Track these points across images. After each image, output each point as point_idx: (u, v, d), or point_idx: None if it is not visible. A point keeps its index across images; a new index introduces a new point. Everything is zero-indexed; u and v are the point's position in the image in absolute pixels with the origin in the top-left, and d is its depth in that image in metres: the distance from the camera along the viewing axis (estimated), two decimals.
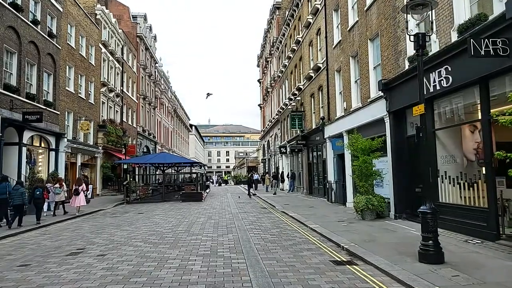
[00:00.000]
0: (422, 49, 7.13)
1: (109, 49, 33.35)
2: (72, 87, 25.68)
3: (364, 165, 12.66)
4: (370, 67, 15.12)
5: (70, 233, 11.88)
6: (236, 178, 63.11)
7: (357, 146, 12.97)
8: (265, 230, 11.47)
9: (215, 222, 13.65)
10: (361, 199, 12.54)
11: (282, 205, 19.28)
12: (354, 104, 16.96)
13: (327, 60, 20.94)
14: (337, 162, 19.62)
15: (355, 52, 16.78)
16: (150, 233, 11.41)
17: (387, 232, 10.29)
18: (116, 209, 20.19)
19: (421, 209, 6.95)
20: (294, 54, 29.82)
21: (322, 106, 22.61)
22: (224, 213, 16.60)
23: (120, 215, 16.83)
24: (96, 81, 30.32)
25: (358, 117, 16.02)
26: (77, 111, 26.37)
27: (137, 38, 44.85)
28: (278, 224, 12.96)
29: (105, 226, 13.36)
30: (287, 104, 32.75)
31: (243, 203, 22.00)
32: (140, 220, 14.69)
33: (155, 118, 53.09)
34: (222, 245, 9.20)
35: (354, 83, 17.20)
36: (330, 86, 20.49)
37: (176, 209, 19.21)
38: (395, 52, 12.74)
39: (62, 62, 23.93)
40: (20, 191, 13.13)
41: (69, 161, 25.25)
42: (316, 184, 24.43)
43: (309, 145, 25.52)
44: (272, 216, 15.50)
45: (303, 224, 12.55)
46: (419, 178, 11.47)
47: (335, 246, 8.95)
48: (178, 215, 16.15)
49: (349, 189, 17.31)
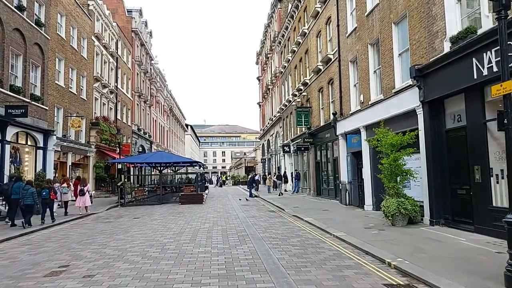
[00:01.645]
0: (506, 9, 5.48)
1: (102, 42, 31.52)
2: (62, 81, 23.85)
3: (395, 164, 11.01)
4: (395, 54, 13.49)
5: (54, 244, 10.11)
6: (234, 178, 61.30)
7: (386, 142, 11.32)
8: (283, 240, 9.78)
9: (222, 228, 11.93)
10: (392, 203, 10.89)
11: (292, 208, 17.62)
12: (373, 96, 15.33)
13: (339, 51, 19.30)
14: (351, 160, 17.98)
15: (374, 39, 15.15)
16: (149, 243, 9.68)
17: (433, 243, 8.63)
18: (110, 213, 18.41)
19: (509, 219, 5.30)
20: (299, 47, 28.16)
21: (333, 100, 20.97)
22: (230, 218, 14.89)
23: (114, 220, 15.06)
24: (89, 75, 28.49)
25: (379, 111, 14.38)
26: (68, 107, 24.53)
27: (132, 33, 43.02)
28: (296, 231, 11.28)
29: (96, 234, 11.59)
30: (291, 101, 31.10)
31: (247, 206, 20.30)
32: (136, 227, 12.94)
33: (151, 117, 51.23)
34: (239, 261, 7.50)
35: (373, 73, 15.57)
36: (343, 79, 18.85)
37: (176, 213, 17.47)
38: (429, 34, 11.11)
39: (51, 53, 22.11)
40: (30, 191, 13.00)
41: (58, 160, 23.43)
42: (325, 184, 22.77)
43: (317, 143, 23.87)
44: (285, 221, 13.81)
45: (325, 231, 10.88)
46: (464, 177, 9.90)
47: (379, 262, 7.28)
48: (179, 220, 14.42)
49: (367, 190, 15.68)
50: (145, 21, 49.60)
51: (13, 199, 13.29)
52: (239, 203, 21.96)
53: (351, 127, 17.24)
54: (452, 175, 10.41)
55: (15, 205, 13.37)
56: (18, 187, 13.19)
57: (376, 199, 15.17)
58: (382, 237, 9.51)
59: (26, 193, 12.91)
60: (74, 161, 25.97)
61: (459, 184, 10.11)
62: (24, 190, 13.00)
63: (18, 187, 13.21)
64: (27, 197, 12.90)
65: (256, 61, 56.57)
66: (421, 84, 11.17)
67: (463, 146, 9.94)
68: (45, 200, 13.98)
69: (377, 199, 15.11)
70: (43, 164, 20.71)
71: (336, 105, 19.88)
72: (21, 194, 12.95)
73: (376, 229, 10.73)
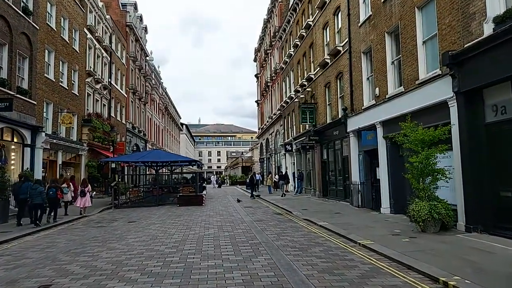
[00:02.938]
0: None
1: (95, 35, 30.01)
2: (52, 74, 22.36)
3: (426, 162, 9.75)
4: (418, 41, 12.24)
5: (37, 254, 8.72)
6: (231, 178, 59.84)
7: (415, 138, 10.05)
8: (303, 249, 8.48)
9: (230, 235, 10.59)
10: (423, 206, 9.61)
11: (300, 211, 16.34)
12: (392, 89, 14.08)
13: (349, 42, 18.04)
14: (364, 159, 16.73)
15: (393, 27, 13.90)
16: (148, 254, 8.33)
17: (483, 254, 7.37)
18: (103, 216, 17.01)
19: None
20: (303, 41, 26.88)
21: (342, 95, 19.71)
22: (236, 222, 13.55)
23: (107, 225, 13.65)
24: (81, 69, 26.99)
25: (399, 104, 13.14)
26: (58, 102, 23.04)
27: (126, 28, 41.48)
28: (313, 238, 9.98)
29: (86, 241, 10.20)
30: (293, 98, 29.80)
31: (251, 208, 18.97)
32: (132, 232, 11.56)
33: (146, 115, 49.71)
34: (259, 280, 6.18)
35: (390, 64, 14.31)
36: (354, 72, 17.59)
37: (175, 216, 16.10)
38: (464, 16, 9.86)
39: (40, 44, 20.62)
40: (39, 190, 13.07)
41: (48, 159, 21.94)
42: (332, 185, 21.49)
43: (323, 141, 22.58)
44: (297, 225, 12.51)
45: (347, 239, 9.59)
46: (509, 178, 8.66)
47: (430, 280, 6.00)
48: (179, 225, 13.06)
49: (384, 191, 14.42)
50: (140, 15, 48.08)
51: (21, 199, 13.42)
52: (242, 205, 20.62)
53: (364, 123, 15.97)
54: (494, 175, 9.16)
55: (23, 205, 13.51)
56: (26, 187, 13.27)
57: (395, 201, 13.95)
58: (417, 246, 8.24)
59: (35, 192, 12.94)
60: (65, 160, 24.48)
61: (502, 186, 8.86)
62: (33, 189, 13.02)
63: (26, 186, 13.29)
64: (36, 196, 12.93)
65: (254, 58, 55.26)
66: (455, 73, 9.90)
67: (507, 142, 8.71)
68: (52, 200, 14.07)
69: (396, 202, 13.90)
70: (31, 162, 19.20)
71: (346, 101, 18.62)
72: (30, 193, 13.01)
73: (406, 236, 9.46)
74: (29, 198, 13.05)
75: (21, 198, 13.36)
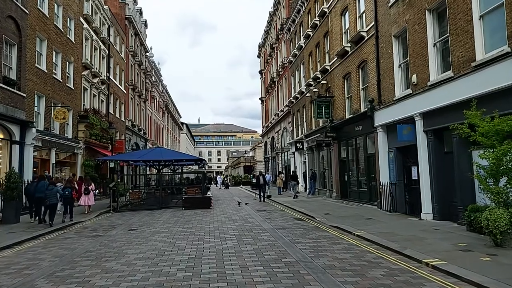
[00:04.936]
0: None
1: (92, 26, 28.00)
2: (44, 65, 20.34)
3: (507, 158, 7.77)
4: (474, 16, 10.26)
5: (10, 280, 6.71)
6: (235, 178, 57.67)
7: (488, 129, 8.06)
8: (359, 273, 6.48)
9: (255, 249, 8.58)
10: (501, 215, 7.62)
11: (322, 215, 14.41)
12: (434, 75, 12.11)
13: (376, 25, 16.07)
14: (395, 157, 14.76)
15: (436, 2, 11.93)
16: (156, 280, 6.32)
17: None
18: (99, 221, 15.01)
19: None
20: (316, 30, 24.89)
21: (365, 87, 17.76)
22: (255, 230, 11.54)
23: (103, 234, 11.63)
24: (77, 62, 24.98)
25: (446, 92, 11.17)
26: (51, 96, 21.03)
27: (125, 21, 39.47)
28: (361, 254, 7.99)
29: (76, 259, 8.19)
30: (304, 92, 27.84)
31: (265, 211, 16.99)
32: (134, 245, 9.55)
33: (146, 113, 47.69)
34: None
35: (432, 46, 12.34)
36: (383, 59, 15.62)
37: (182, 221, 14.11)
38: None
39: (30, 31, 18.61)
40: (55, 190, 13.39)
41: (39, 157, 19.93)
42: (353, 186, 19.47)
43: (342, 138, 20.59)
44: (329, 235, 10.53)
45: (406, 256, 7.61)
46: None
47: None
48: (189, 234, 11.07)
49: (425, 194, 12.42)
50: (140, 8, 46.07)
51: (37, 198, 13.69)
52: (254, 208, 18.63)
53: (398, 116, 13.98)
54: None
55: (40, 204, 13.76)
56: (43, 186, 13.63)
57: (440, 206, 11.97)
58: (508, 268, 6.28)
59: (51, 193, 13.21)
60: (59, 158, 22.48)
61: None
62: (49, 190, 13.29)
63: (42, 185, 13.66)
64: (52, 196, 13.18)
65: (258, 54, 53.20)
66: None
67: None
68: (67, 200, 14.27)
69: (441, 206, 11.95)
70: (19, 161, 17.18)
71: (372, 92, 16.65)
72: (46, 193, 13.21)
73: (480, 252, 7.48)
74: (47, 199, 13.23)
75: (38, 197, 13.57)
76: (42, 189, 13.54)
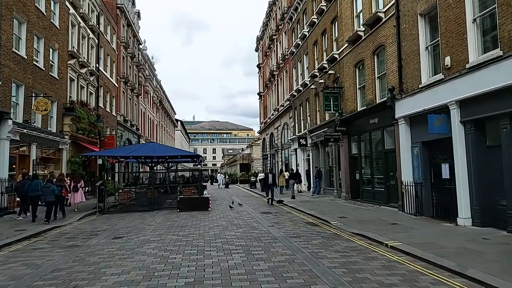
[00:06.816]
0: None
1: (80, 12, 25.93)
2: (23, 50, 18.28)
3: None
4: None
5: None
6: (231, 176, 55.71)
7: None
8: None
9: (270, 268, 6.68)
10: None
11: (337, 219, 12.58)
12: (475, 56, 10.28)
13: (397, 4, 14.21)
14: (421, 153, 12.93)
15: None
16: None
17: None
18: (81, 226, 13.05)
19: None
20: (322, 16, 23.00)
21: (381, 75, 15.94)
22: (264, 239, 9.63)
23: (82, 243, 9.66)
24: (62, 49, 22.91)
25: (493, 75, 9.36)
26: (32, 85, 18.98)
27: (117, 10, 37.32)
28: (409, 275, 6.16)
29: (39, 282, 6.25)
30: (307, 84, 25.97)
31: (270, 214, 15.11)
32: (116, 261, 7.60)
33: (139, 108, 45.60)
34: None
35: (471, 23, 10.50)
36: (405, 41, 13.77)
37: (176, 227, 12.18)
38: None
39: (5, 11, 16.58)
40: (51, 188, 13.42)
41: (17, 153, 17.88)
42: (367, 185, 17.61)
43: (353, 132, 18.74)
44: (355, 246, 8.67)
45: (470, 279, 5.79)
46: None
47: None
48: (185, 244, 9.14)
49: (463, 196, 10.59)
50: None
51: (31, 196, 13.60)
52: (257, 210, 16.76)
53: (426, 105, 12.12)
54: None
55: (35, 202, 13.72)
56: (37, 185, 13.60)
57: (481, 210, 10.16)
58: None
59: (48, 191, 13.29)
60: (41, 154, 20.45)
61: None
62: (45, 187, 13.42)
63: (37, 184, 13.63)
64: (48, 194, 13.26)
65: (256, 47, 51.25)
66: None
67: None
68: (58, 198, 14.05)
69: (483, 210, 10.14)
70: None
71: (391, 79, 14.82)
72: (43, 191, 13.37)
73: None
74: (43, 196, 13.37)
75: (34, 195, 13.51)
76: (36, 188, 13.47)
